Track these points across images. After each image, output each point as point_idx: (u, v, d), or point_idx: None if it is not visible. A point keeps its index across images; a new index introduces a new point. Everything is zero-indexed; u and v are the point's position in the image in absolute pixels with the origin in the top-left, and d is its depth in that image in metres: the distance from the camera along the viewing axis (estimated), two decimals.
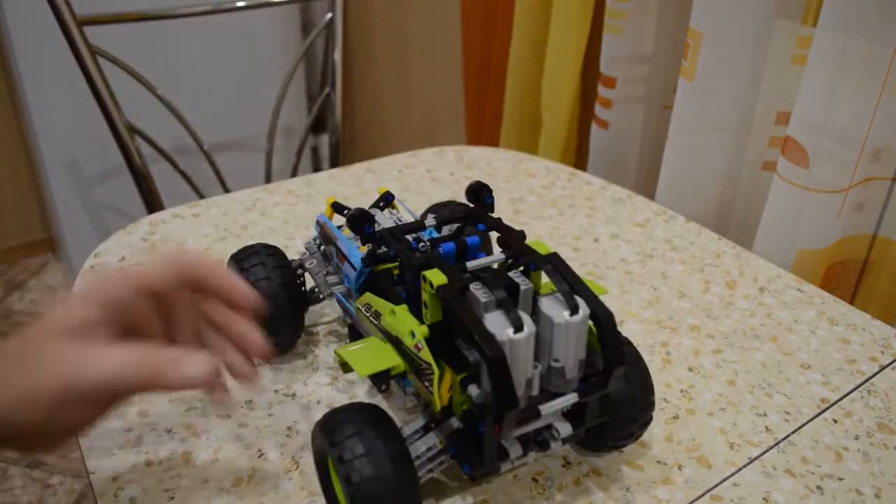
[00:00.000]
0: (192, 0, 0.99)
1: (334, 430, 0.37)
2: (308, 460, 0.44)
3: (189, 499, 0.41)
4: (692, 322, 0.57)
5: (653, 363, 0.52)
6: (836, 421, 0.48)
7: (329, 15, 1.05)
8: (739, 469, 0.44)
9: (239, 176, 1.07)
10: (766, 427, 0.47)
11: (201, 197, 0.79)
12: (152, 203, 0.96)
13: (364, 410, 0.38)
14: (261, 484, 0.42)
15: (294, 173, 1.05)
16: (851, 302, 0.68)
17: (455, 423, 0.38)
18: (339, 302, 0.49)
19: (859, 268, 0.70)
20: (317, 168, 1.11)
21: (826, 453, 0.45)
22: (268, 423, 0.46)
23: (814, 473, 0.44)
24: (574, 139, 0.97)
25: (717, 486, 0.43)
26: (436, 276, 0.37)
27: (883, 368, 0.52)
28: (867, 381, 0.51)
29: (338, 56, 1.05)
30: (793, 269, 0.65)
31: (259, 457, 0.44)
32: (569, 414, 0.39)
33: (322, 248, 0.51)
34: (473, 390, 0.35)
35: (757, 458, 0.45)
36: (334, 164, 1.09)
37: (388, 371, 0.39)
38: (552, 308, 0.36)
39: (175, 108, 0.97)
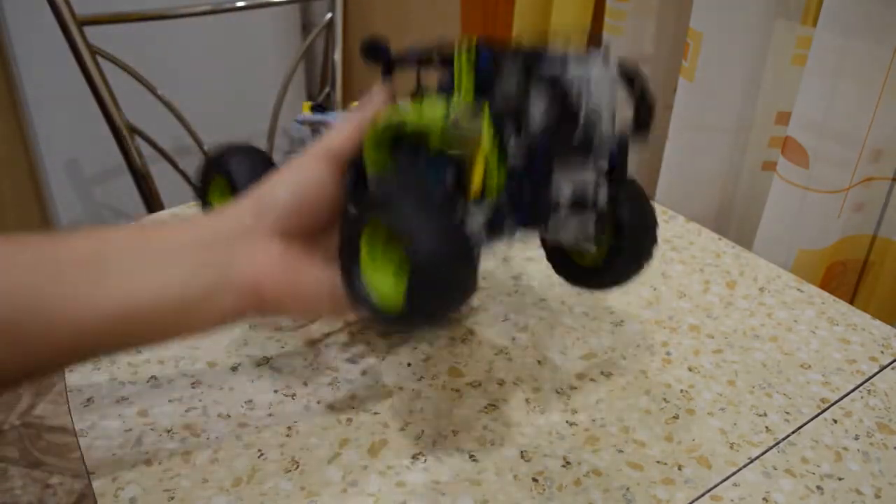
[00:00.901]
0: (192, 0, 0.99)
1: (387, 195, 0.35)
2: (308, 460, 0.44)
3: (189, 499, 0.41)
4: (692, 322, 0.57)
5: (653, 363, 0.52)
6: (836, 421, 0.48)
7: (329, 15, 1.05)
8: (739, 469, 0.44)
9: None
10: (766, 427, 0.47)
11: None
12: (152, 203, 0.96)
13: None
14: (261, 484, 0.42)
15: None
16: (851, 302, 0.68)
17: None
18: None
19: (859, 268, 0.70)
20: None
21: (826, 453, 0.45)
22: (268, 423, 0.46)
23: (814, 473, 0.44)
24: None
25: (717, 486, 0.43)
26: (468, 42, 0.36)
27: (883, 368, 0.52)
28: (867, 381, 0.51)
29: (338, 56, 1.05)
30: (793, 269, 0.65)
31: (259, 457, 0.44)
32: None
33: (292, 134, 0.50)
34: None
35: (757, 458, 0.45)
36: None
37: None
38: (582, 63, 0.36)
39: (175, 108, 0.97)
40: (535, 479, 0.43)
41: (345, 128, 0.41)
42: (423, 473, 0.43)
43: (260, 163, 0.48)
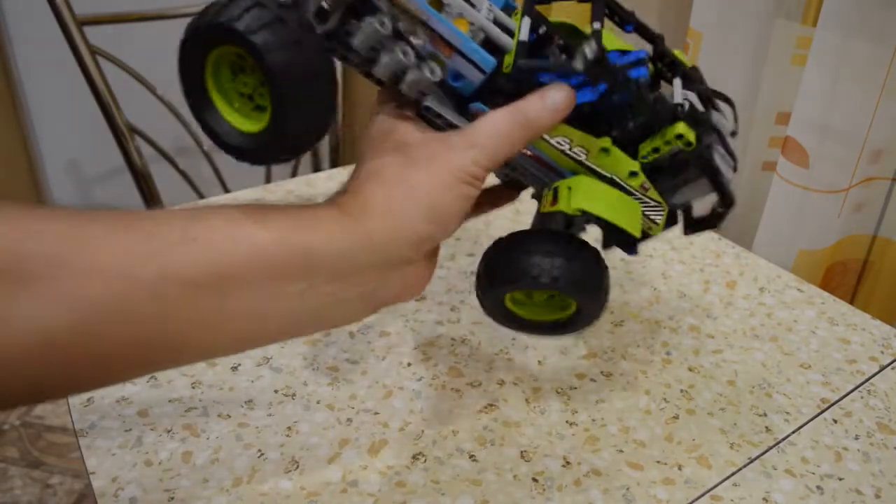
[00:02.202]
0: (192, 0, 0.99)
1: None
2: (308, 460, 0.44)
3: (189, 499, 0.41)
4: (692, 322, 0.57)
5: (653, 363, 0.52)
6: (836, 421, 0.48)
7: None
8: (739, 469, 0.44)
9: (239, 176, 1.07)
10: (766, 427, 0.47)
11: (201, 197, 0.79)
12: (152, 203, 0.96)
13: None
14: (261, 484, 0.42)
15: (294, 173, 1.05)
16: (851, 302, 0.68)
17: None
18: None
19: (859, 268, 0.70)
20: (317, 168, 1.11)
21: (826, 453, 0.45)
22: (268, 423, 0.46)
23: (814, 473, 0.44)
24: None
25: (717, 486, 0.43)
26: (688, 132, 0.37)
27: (883, 368, 0.52)
28: (867, 381, 0.51)
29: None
30: (793, 269, 0.65)
31: (259, 457, 0.44)
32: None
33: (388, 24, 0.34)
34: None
35: (757, 458, 0.45)
36: (334, 164, 1.09)
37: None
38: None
39: (175, 108, 0.97)
40: (535, 479, 0.43)
41: (505, 145, 0.35)
42: (423, 473, 0.43)
43: (299, 28, 0.33)
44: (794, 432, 0.47)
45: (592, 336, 0.54)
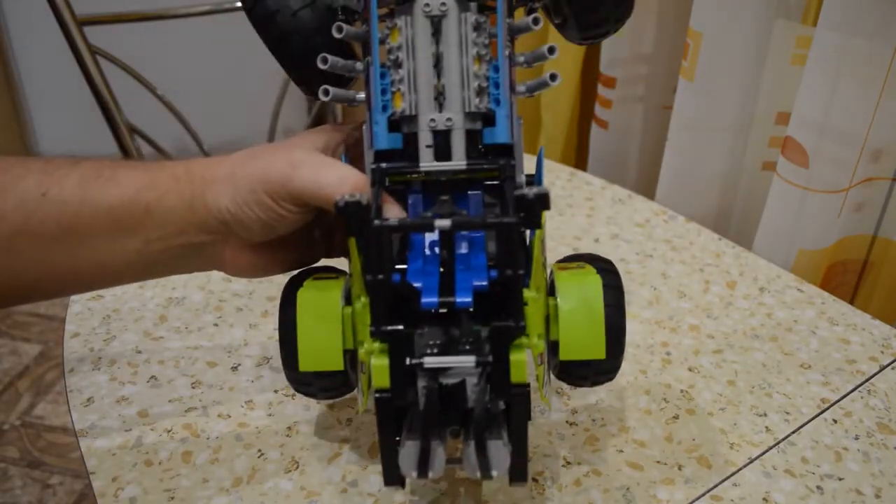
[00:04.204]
0: (192, 0, 0.99)
1: None
2: (308, 460, 0.44)
3: (189, 499, 0.41)
4: (692, 322, 0.57)
5: (653, 363, 0.52)
6: (836, 421, 0.48)
7: None
8: (739, 469, 0.44)
9: None
10: (766, 427, 0.47)
11: None
12: None
13: None
14: (261, 484, 0.42)
15: None
16: (851, 302, 0.68)
17: None
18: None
19: (859, 268, 0.70)
20: None
21: (826, 453, 0.45)
22: (268, 423, 0.46)
23: (814, 473, 0.44)
24: (574, 139, 0.97)
25: (717, 486, 0.43)
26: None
27: (883, 368, 0.52)
28: (867, 381, 0.51)
29: None
30: (793, 269, 0.65)
31: (259, 457, 0.44)
32: None
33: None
34: None
35: (757, 458, 0.45)
36: None
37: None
38: None
39: (175, 108, 0.97)
40: (535, 479, 0.43)
41: (325, 197, 0.36)
42: None
43: None
44: (794, 432, 0.47)
45: None
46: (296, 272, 0.40)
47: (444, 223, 0.32)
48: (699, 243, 0.67)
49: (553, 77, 0.36)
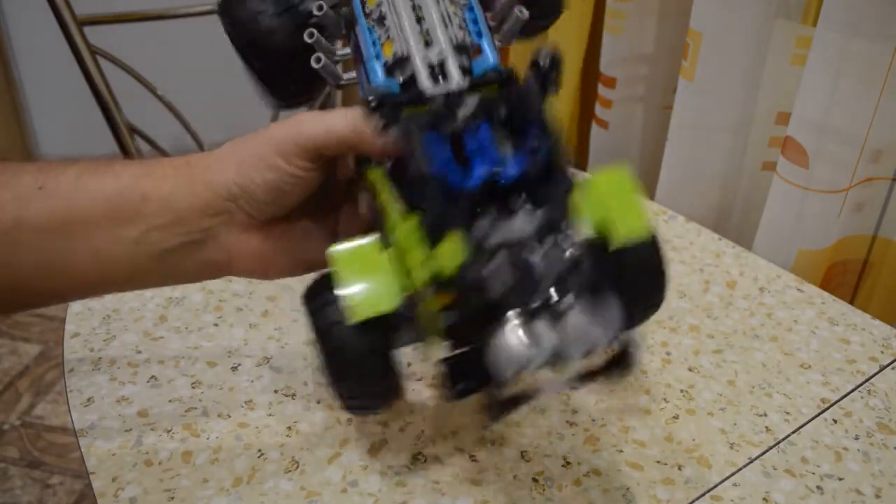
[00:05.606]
0: (192, 0, 0.99)
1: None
2: (308, 460, 0.44)
3: (189, 499, 0.41)
4: (692, 322, 0.57)
5: (653, 363, 0.52)
6: (836, 421, 0.48)
7: None
8: (739, 469, 0.44)
9: None
10: (766, 427, 0.47)
11: None
12: None
13: None
14: (261, 484, 0.42)
15: None
16: (851, 302, 0.68)
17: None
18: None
19: (859, 268, 0.70)
20: None
21: (826, 453, 0.45)
22: (268, 423, 0.47)
23: (814, 473, 0.44)
24: (574, 139, 0.97)
25: (717, 486, 0.43)
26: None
27: (883, 368, 0.52)
28: (867, 381, 0.51)
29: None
30: (793, 269, 0.65)
31: (259, 457, 0.44)
32: None
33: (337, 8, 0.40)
34: None
35: (757, 458, 0.45)
36: None
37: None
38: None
39: (175, 108, 0.97)
40: (535, 479, 0.43)
41: (333, 139, 0.36)
42: (423, 473, 0.43)
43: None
44: (794, 432, 0.47)
45: None
46: (312, 280, 0.38)
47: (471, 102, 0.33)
48: (699, 243, 0.67)
49: (521, 11, 0.37)
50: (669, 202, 0.76)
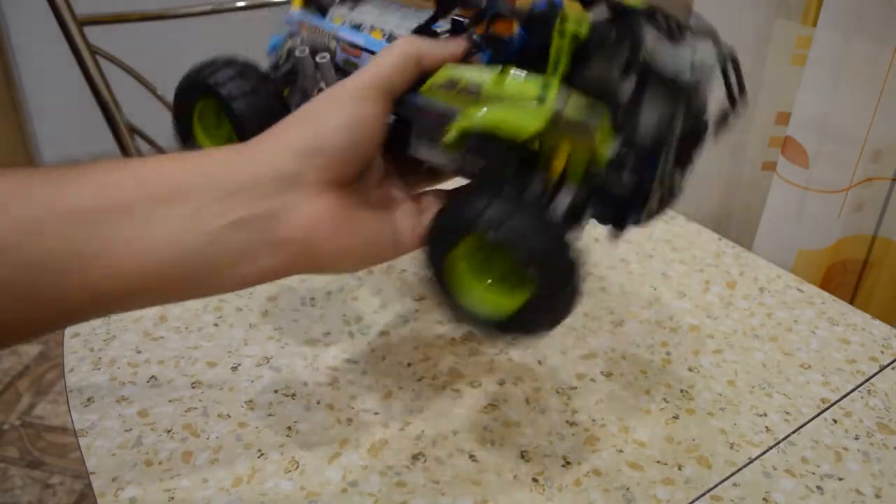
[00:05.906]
0: (192, 0, 0.99)
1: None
2: (308, 460, 0.44)
3: (189, 499, 0.41)
4: (692, 322, 0.57)
5: (653, 363, 0.52)
6: (836, 421, 0.48)
7: None
8: (739, 469, 0.44)
9: None
10: (766, 427, 0.47)
11: None
12: None
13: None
14: (261, 484, 0.42)
15: None
16: (851, 302, 0.68)
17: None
18: None
19: (859, 268, 0.70)
20: None
21: (826, 453, 0.45)
22: (268, 423, 0.47)
23: (814, 473, 0.44)
24: None
25: (717, 486, 0.43)
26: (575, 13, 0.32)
27: (883, 368, 0.52)
28: (867, 381, 0.51)
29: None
30: (793, 269, 0.65)
31: (259, 457, 0.44)
32: None
33: (297, 55, 0.42)
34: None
35: (757, 458, 0.45)
36: None
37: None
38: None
39: None
40: (535, 479, 0.43)
41: (398, 63, 0.36)
42: (423, 473, 0.43)
43: (258, 80, 0.43)
44: (794, 432, 0.47)
45: (592, 336, 0.54)
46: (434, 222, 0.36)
47: None
48: (699, 243, 0.67)
49: None
50: None
